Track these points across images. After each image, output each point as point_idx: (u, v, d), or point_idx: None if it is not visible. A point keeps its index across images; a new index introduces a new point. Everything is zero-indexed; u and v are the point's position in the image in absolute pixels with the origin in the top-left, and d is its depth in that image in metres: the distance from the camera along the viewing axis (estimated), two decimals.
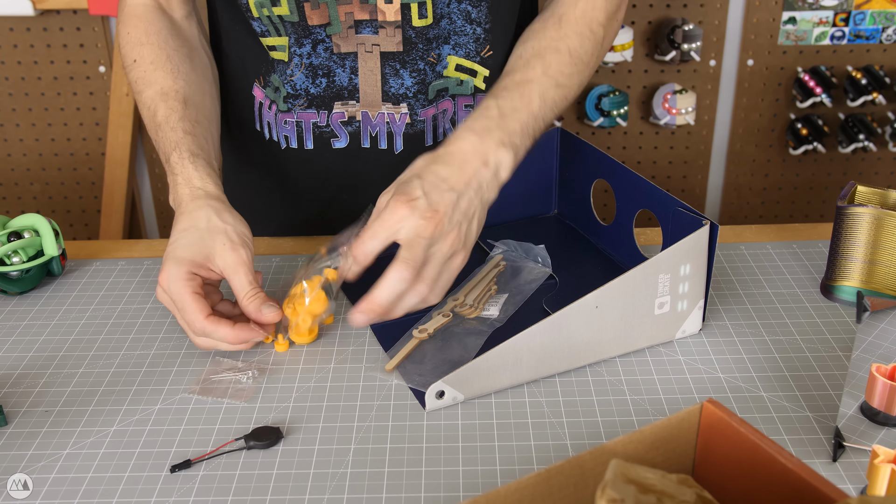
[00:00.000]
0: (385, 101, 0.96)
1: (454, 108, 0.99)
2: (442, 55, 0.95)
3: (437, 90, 0.97)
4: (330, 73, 0.95)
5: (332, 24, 0.92)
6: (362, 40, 0.93)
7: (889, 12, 2.05)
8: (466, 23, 0.94)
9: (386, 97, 0.96)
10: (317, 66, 0.95)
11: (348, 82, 0.95)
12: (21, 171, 2.18)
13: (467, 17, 0.93)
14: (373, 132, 0.98)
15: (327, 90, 0.96)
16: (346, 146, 0.99)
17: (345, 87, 0.96)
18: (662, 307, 0.79)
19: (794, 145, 2.15)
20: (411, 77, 0.95)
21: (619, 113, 2.08)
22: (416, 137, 0.98)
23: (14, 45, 2.04)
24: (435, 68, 0.95)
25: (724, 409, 0.55)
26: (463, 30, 0.94)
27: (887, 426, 0.70)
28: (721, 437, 0.55)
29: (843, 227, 0.85)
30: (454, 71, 0.96)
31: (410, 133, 0.98)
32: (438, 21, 0.92)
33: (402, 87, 0.95)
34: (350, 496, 0.65)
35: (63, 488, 0.66)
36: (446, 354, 0.79)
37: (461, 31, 0.94)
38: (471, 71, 0.97)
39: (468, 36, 0.94)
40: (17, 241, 0.89)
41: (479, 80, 0.98)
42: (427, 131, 0.98)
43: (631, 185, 0.88)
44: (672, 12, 2.05)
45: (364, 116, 0.97)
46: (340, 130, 0.98)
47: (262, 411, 0.74)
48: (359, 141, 0.99)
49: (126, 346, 0.83)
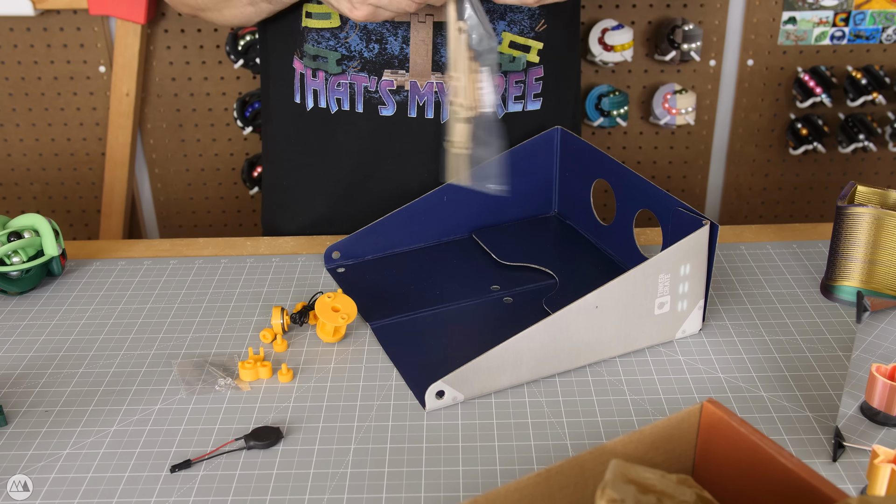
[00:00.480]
0: (435, 71, 0.97)
1: (506, 83, 1.00)
2: (497, 30, 0.96)
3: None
4: (382, 40, 0.96)
5: None
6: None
7: (889, 12, 2.05)
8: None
9: (436, 66, 0.97)
10: (371, 30, 0.96)
11: (399, 51, 0.97)
12: (21, 171, 2.18)
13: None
14: (420, 101, 0.99)
15: (379, 56, 0.97)
16: (393, 115, 1.00)
17: (395, 56, 0.97)
18: (662, 307, 0.79)
19: (794, 145, 2.15)
20: None
21: (619, 113, 2.08)
22: None
23: (14, 45, 2.04)
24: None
25: (724, 409, 0.55)
26: (519, 7, 0.95)
27: (887, 426, 0.70)
28: (721, 437, 0.55)
29: (843, 227, 0.85)
30: (507, 48, 0.98)
31: None
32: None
33: None
34: (350, 496, 0.65)
35: (63, 488, 0.66)
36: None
37: (517, 8, 0.95)
38: (524, 47, 0.98)
39: (523, 13, 0.96)
40: (17, 241, 0.89)
41: (533, 54, 1.00)
42: None
43: (631, 185, 0.88)
44: (672, 12, 2.05)
45: (413, 86, 0.98)
46: (388, 98, 0.99)
47: (262, 411, 0.74)
48: (405, 110, 1.00)
49: (126, 346, 0.83)
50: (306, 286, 0.92)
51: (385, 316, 0.85)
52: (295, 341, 0.83)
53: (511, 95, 1.00)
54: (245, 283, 0.92)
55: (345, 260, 0.95)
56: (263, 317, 0.87)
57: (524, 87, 1.01)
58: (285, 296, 0.90)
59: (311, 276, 0.94)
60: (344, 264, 0.95)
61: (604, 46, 2.01)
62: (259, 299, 0.90)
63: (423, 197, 0.95)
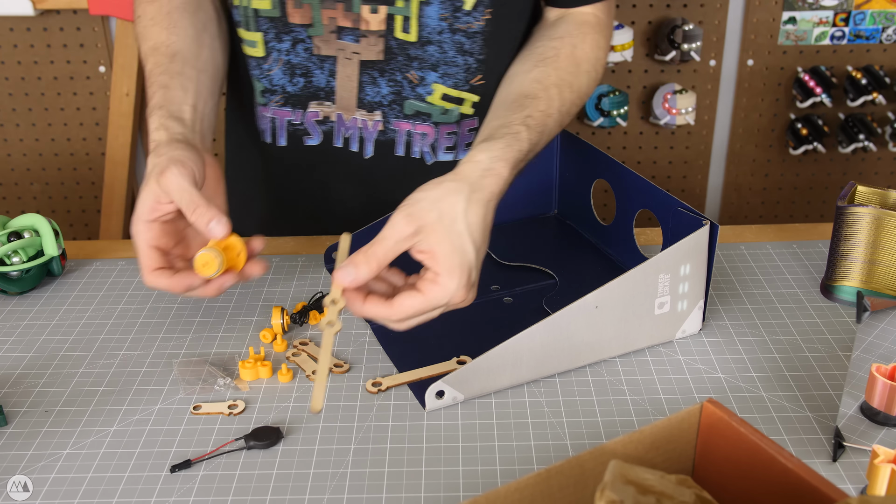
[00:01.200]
0: (360, 108, 0.97)
1: (436, 135, 0.98)
2: (427, 80, 0.94)
3: (417, 111, 0.96)
4: (308, 73, 0.95)
5: (314, 26, 0.92)
6: (343, 46, 0.93)
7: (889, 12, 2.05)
8: (458, 54, 0.93)
9: (361, 104, 0.96)
10: (295, 64, 0.95)
11: (325, 84, 0.96)
12: (21, 171, 2.18)
13: (460, 48, 0.93)
14: (346, 134, 0.98)
15: (304, 90, 0.97)
16: (319, 144, 1.00)
17: (322, 88, 0.96)
18: (662, 307, 0.79)
19: (794, 145, 2.15)
20: (388, 86, 0.95)
21: (619, 113, 2.08)
22: (386, 145, 0.99)
23: (14, 45, 2.04)
24: (415, 88, 0.95)
25: (724, 409, 0.55)
26: (454, 60, 0.93)
27: (887, 426, 0.70)
28: (721, 438, 0.55)
29: (843, 227, 0.85)
30: (440, 100, 0.96)
31: (382, 140, 0.98)
32: (425, 45, 0.92)
33: (378, 95, 0.95)
34: (350, 496, 0.65)
35: (63, 488, 0.66)
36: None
37: (451, 61, 0.93)
38: (457, 100, 0.96)
39: (459, 67, 0.94)
40: (17, 241, 0.89)
41: (467, 106, 0.97)
42: (399, 143, 0.98)
43: (631, 185, 0.88)
44: (672, 12, 2.05)
45: (339, 118, 0.98)
46: (314, 129, 0.99)
47: (262, 411, 0.74)
48: (331, 140, 0.99)
49: (126, 346, 0.83)
50: (306, 286, 0.92)
51: None
52: (295, 341, 0.83)
53: (441, 146, 0.98)
54: (245, 283, 0.92)
55: None
56: (263, 317, 0.87)
57: (456, 137, 0.98)
58: (285, 296, 0.90)
59: (311, 276, 0.94)
60: None
61: None
62: (259, 299, 0.90)
63: None
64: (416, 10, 0.90)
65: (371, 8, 0.90)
